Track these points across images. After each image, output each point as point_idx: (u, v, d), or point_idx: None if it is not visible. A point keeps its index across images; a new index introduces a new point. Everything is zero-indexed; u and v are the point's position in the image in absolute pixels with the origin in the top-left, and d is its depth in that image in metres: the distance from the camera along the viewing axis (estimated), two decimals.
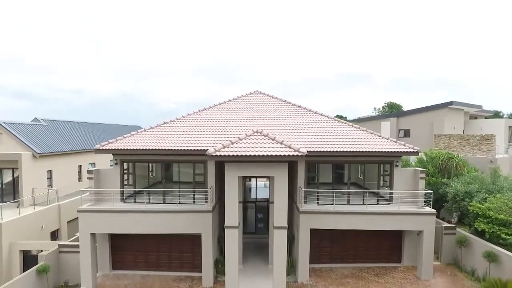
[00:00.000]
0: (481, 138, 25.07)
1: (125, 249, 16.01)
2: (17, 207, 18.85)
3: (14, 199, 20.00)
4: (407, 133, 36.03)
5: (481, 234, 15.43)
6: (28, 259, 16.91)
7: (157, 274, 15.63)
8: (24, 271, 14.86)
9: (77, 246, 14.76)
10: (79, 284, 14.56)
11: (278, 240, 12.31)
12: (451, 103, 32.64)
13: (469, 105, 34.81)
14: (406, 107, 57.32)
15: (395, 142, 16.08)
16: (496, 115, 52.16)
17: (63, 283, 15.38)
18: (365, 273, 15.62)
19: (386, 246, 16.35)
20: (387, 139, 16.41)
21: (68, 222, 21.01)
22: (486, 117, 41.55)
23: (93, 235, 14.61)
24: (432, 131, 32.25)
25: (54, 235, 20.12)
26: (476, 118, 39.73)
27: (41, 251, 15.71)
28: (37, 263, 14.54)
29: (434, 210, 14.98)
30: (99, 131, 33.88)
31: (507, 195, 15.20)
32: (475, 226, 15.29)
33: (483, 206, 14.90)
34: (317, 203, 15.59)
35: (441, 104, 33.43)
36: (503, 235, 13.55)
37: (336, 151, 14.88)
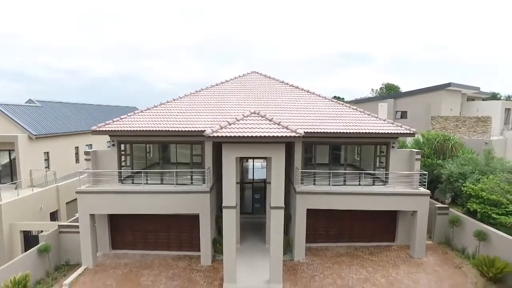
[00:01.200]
0: (477, 120, 25.20)
1: (124, 229, 16.24)
2: (16, 188, 18.94)
3: (12, 181, 20.05)
4: (404, 115, 36.07)
5: (473, 214, 15.77)
6: (29, 239, 17.17)
7: (156, 253, 15.96)
8: (25, 251, 15.10)
9: (77, 226, 14.96)
10: (80, 263, 14.86)
11: (275, 220, 12.52)
12: (448, 84, 32.54)
13: (467, 86, 34.72)
14: (404, 89, 57.17)
15: (392, 123, 16.13)
16: (494, 97, 52.12)
17: (64, 262, 15.67)
18: (360, 252, 16.03)
19: (381, 226, 16.69)
20: (384, 120, 16.44)
21: (67, 203, 21.19)
22: (483, 99, 41.51)
23: (92, 215, 14.80)
24: (429, 113, 32.30)
25: (54, 216, 20.33)
26: (473, 100, 39.73)
27: (41, 231, 15.91)
28: (38, 243, 14.76)
29: (428, 191, 15.23)
30: (95, 112, 33.61)
31: (500, 176, 15.45)
32: (468, 206, 15.62)
33: (476, 187, 15.18)
34: (314, 183, 15.78)
35: (439, 86, 33.33)
36: (493, 215, 13.87)
37: (333, 132, 14.94)
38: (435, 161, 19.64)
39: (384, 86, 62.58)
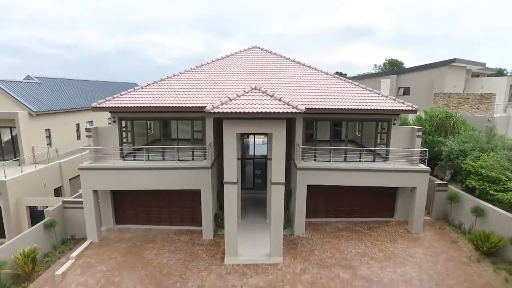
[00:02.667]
0: (481, 96, 24.87)
1: (127, 205, 16.51)
2: (19, 165, 19.09)
3: (15, 158, 20.19)
4: (406, 91, 35.64)
5: (471, 191, 15.92)
6: (35, 215, 17.49)
7: (159, 228, 16.31)
8: (32, 226, 15.44)
9: (81, 202, 15.20)
10: (85, 238, 15.23)
11: (276, 196, 12.68)
12: (453, 60, 31.87)
13: (472, 62, 34.00)
14: (407, 65, 56.17)
15: (394, 100, 15.97)
16: (500, 73, 50.87)
17: (70, 236, 16.06)
18: (359, 227, 16.34)
19: (380, 201, 16.90)
20: (386, 97, 16.27)
21: (70, 179, 21.42)
22: (488, 75, 40.67)
23: (95, 191, 15.01)
24: (432, 90, 31.88)
25: (58, 192, 20.61)
26: (478, 76, 38.98)
27: (46, 207, 16.19)
28: (44, 218, 15.06)
29: (428, 168, 15.30)
30: (95, 88, 33.29)
31: (500, 154, 15.46)
32: (467, 183, 15.73)
33: (476, 164, 15.23)
34: (315, 160, 15.86)
35: (443, 62, 32.67)
36: (492, 192, 13.99)
37: (335, 108, 14.83)
38: (436, 138, 19.60)
39: (387, 62, 61.46)
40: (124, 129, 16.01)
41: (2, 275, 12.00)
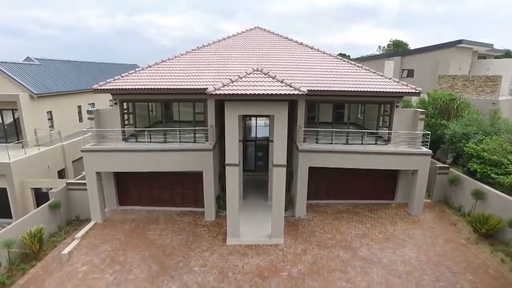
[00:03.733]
0: (487, 79, 24.50)
1: (130, 187, 16.68)
2: (22, 147, 19.21)
3: (17, 140, 20.28)
4: (410, 73, 35.14)
5: (472, 174, 15.92)
6: (40, 196, 17.72)
7: (162, 209, 16.54)
8: (37, 207, 15.68)
9: (84, 184, 15.35)
10: (90, 219, 15.49)
11: (277, 178, 12.76)
12: (460, 41, 31.21)
13: (479, 43, 33.27)
14: (412, 46, 55.12)
15: (397, 82, 15.77)
16: (507, 54, 49.58)
17: (74, 217, 16.31)
18: (360, 209, 16.49)
19: (381, 184, 16.98)
20: (389, 79, 16.06)
21: (73, 161, 21.59)
22: (495, 57, 39.82)
23: (98, 173, 15.14)
24: (437, 72, 31.40)
25: (61, 174, 20.81)
26: (485, 58, 38.18)
27: (51, 188, 16.39)
28: (48, 200, 15.27)
29: (430, 151, 15.28)
30: (95, 70, 33.02)
31: (504, 137, 15.37)
32: (468, 166, 15.72)
33: (478, 148, 15.17)
34: (316, 142, 15.85)
35: (449, 43, 32.02)
36: (493, 175, 14.00)
37: (337, 90, 14.67)
38: (439, 121, 19.47)
39: (391, 43, 60.35)
40: (125, 111, 15.98)
41: (11, 254, 12.31)
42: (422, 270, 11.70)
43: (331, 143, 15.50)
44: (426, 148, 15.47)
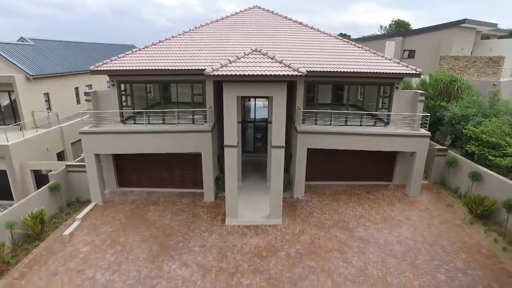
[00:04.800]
0: (489, 60, 24.17)
1: (129, 168, 16.74)
2: (20, 130, 19.13)
3: (15, 122, 20.18)
4: (411, 54, 34.64)
5: (470, 156, 15.97)
6: (40, 178, 17.81)
7: (161, 191, 16.66)
8: (37, 189, 15.78)
9: (84, 166, 15.40)
10: (90, 200, 15.63)
11: (276, 159, 12.80)
12: (463, 21, 30.52)
13: (483, 23, 32.54)
14: (414, 26, 54.06)
15: (398, 63, 15.56)
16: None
17: (75, 199, 16.45)
18: (358, 190, 16.64)
19: (379, 165, 17.05)
20: (390, 60, 15.83)
21: (72, 143, 21.56)
22: (499, 37, 39.00)
23: (97, 155, 15.16)
24: (439, 53, 30.95)
25: (60, 156, 20.84)
26: (488, 38, 37.47)
27: (50, 170, 16.45)
28: (48, 182, 15.35)
29: (429, 133, 15.27)
30: (92, 51, 32.46)
31: (503, 119, 15.32)
32: (466, 148, 15.75)
33: (477, 130, 15.16)
34: (315, 123, 15.81)
35: (452, 23, 31.36)
36: (490, 157, 14.04)
37: (337, 71, 14.49)
38: (439, 103, 19.35)
39: (393, 23, 59.18)
40: (123, 92, 15.83)
41: (14, 235, 12.50)
42: (417, 250, 11.94)
43: (330, 125, 15.46)
44: (425, 130, 15.45)
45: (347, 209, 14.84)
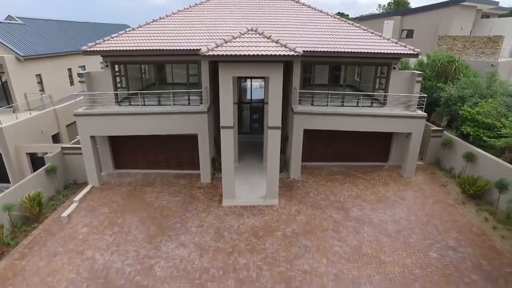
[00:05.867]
0: (488, 40, 23.87)
1: (125, 150, 16.70)
2: (13, 112, 18.87)
3: (8, 104, 19.87)
4: (410, 34, 34.13)
5: (465, 137, 16.06)
6: (36, 161, 17.74)
7: (158, 172, 16.71)
8: (34, 172, 15.75)
9: (79, 148, 15.33)
10: (87, 182, 15.66)
11: (272, 140, 12.80)
12: None
13: (484, 1, 31.92)
14: (414, 5, 53.01)
15: (396, 43, 15.34)
16: None
17: (72, 181, 16.47)
18: (353, 171, 16.78)
19: (375, 146, 17.13)
20: (388, 40, 15.60)
21: (67, 126, 21.38)
22: (500, 16, 38.22)
23: (92, 137, 15.06)
24: (437, 32, 30.50)
25: (56, 139, 20.70)
26: (488, 17, 36.81)
27: (46, 153, 16.37)
28: (44, 165, 15.30)
29: (425, 114, 15.27)
30: (84, 30, 31.63)
31: (499, 100, 15.32)
32: (462, 129, 15.83)
33: (473, 111, 15.18)
34: (312, 104, 15.73)
35: (452, 1, 30.75)
36: (485, 138, 14.14)
37: (334, 51, 14.27)
38: (435, 84, 19.26)
39: (392, 1, 58.00)
40: (117, 73, 15.55)
41: (12, 217, 12.58)
42: (410, 229, 12.19)
43: (327, 105, 15.40)
44: (422, 111, 15.45)
45: (343, 189, 15.01)
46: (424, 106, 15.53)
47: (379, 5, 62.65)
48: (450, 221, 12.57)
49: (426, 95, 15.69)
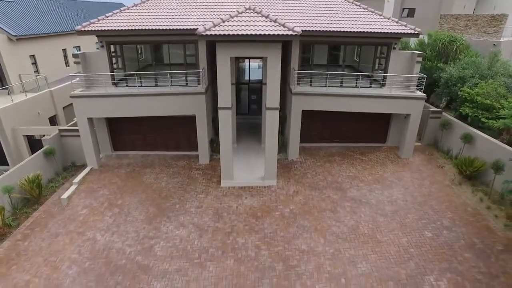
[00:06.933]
0: (491, 18, 23.39)
1: (123, 132, 16.63)
2: (8, 94, 18.64)
3: (2, 86, 19.61)
4: (411, 13, 33.43)
5: (464, 118, 16.04)
6: (33, 143, 17.68)
7: (156, 154, 16.72)
8: (32, 154, 15.73)
9: (77, 130, 15.24)
10: (85, 164, 15.68)
11: (270, 121, 12.76)
12: None
13: None
14: None
15: (397, 22, 15.04)
16: None
17: (70, 163, 16.49)
18: (351, 151, 16.83)
19: (373, 127, 17.11)
20: (388, 19, 15.29)
21: (64, 107, 21.19)
22: None
23: (90, 119, 14.97)
24: (439, 11, 29.88)
25: (53, 121, 20.56)
26: None
27: (43, 135, 16.30)
28: (42, 147, 15.27)
29: (424, 95, 15.17)
30: (77, 9, 30.83)
31: (499, 81, 15.19)
32: (460, 110, 15.77)
33: (473, 92, 15.07)
34: (310, 85, 15.60)
35: None
36: (483, 119, 14.13)
37: (333, 31, 14.00)
38: (436, 64, 19.04)
39: None
40: (113, 54, 15.28)
41: (12, 199, 12.67)
42: (407, 210, 12.37)
43: (325, 86, 15.26)
44: (421, 92, 15.34)
45: (341, 170, 15.11)
46: (423, 87, 15.40)
47: None
48: (446, 202, 12.75)
49: (425, 75, 15.54)
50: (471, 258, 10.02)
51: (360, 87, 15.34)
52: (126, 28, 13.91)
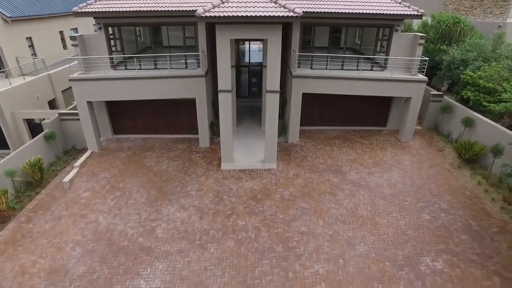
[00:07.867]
0: None
1: (123, 116, 16.59)
2: (6, 77, 18.47)
3: None
4: None
5: (465, 102, 15.95)
6: (34, 127, 17.65)
7: (156, 137, 16.74)
8: (32, 138, 15.74)
9: (77, 114, 15.21)
10: (86, 148, 15.74)
11: (271, 104, 12.71)
12: None
13: None
14: None
15: (400, 3, 14.73)
16: None
17: (71, 147, 16.54)
18: (352, 135, 16.84)
19: (374, 111, 17.06)
20: (391, 0, 14.96)
21: (63, 91, 21.02)
22: None
23: (89, 103, 14.90)
24: None
25: (52, 105, 20.45)
26: None
27: (43, 119, 16.26)
28: (42, 131, 15.26)
29: (425, 78, 15.03)
30: None
31: (503, 63, 14.98)
32: (462, 94, 15.65)
33: (475, 75, 14.91)
34: (311, 67, 15.44)
35: None
36: (484, 103, 14.04)
37: (334, 12, 13.73)
38: (438, 47, 18.74)
39: None
40: (111, 36, 15.04)
41: (15, 182, 12.79)
42: (406, 193, 12.49)
43: (326, 69, 15.10)
44: (422, 75, 15.19)
45: (341, 153, 15.16)
46: (425, 70, 15.24)
47: None
48: (445, 185, 12.86)
49: (428, 58, 15.34)
50: (467, 240, 10.21)
51: (361, 70, 15.18)
52: (124, 9, 13.63)
